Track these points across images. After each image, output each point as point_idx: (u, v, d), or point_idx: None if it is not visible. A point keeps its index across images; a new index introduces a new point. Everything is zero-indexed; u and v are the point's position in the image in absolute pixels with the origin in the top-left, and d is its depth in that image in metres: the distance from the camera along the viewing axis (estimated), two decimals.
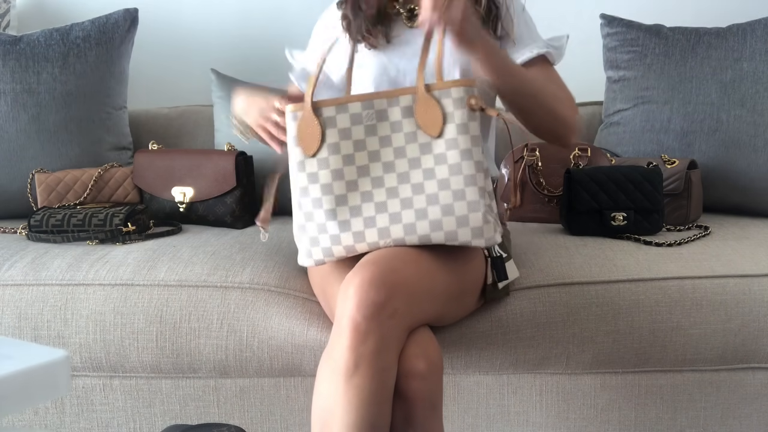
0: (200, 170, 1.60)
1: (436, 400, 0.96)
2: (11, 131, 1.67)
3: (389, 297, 0.91)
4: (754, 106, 1.63)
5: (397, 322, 0.92)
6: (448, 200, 0.97)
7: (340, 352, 0.90)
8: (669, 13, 1.97)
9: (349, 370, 0.89)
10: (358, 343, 0.89)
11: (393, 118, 1.00)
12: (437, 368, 0.95)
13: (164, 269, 1.26)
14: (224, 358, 1.20)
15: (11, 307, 1.23)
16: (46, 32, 1.74)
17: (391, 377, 0.92)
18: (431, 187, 0.98)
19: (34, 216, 1.48)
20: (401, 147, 1.00)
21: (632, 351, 1.21)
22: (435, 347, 0.97)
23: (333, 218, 1.00)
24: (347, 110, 1.00)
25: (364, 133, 1.00)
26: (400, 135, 1.00)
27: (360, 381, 0.89)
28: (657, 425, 1.25)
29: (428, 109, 0.99)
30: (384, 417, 0.91)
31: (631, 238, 1.40)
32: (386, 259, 0.97)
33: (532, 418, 1.25)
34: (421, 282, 0.98)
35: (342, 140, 1.00)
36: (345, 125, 1.00)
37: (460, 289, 1.07)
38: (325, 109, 1.00)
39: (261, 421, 1.25)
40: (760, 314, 1.21)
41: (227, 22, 2.12)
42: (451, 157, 0.98)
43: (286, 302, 1.21)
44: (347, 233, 1.00)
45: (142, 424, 1.26)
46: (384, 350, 0.90)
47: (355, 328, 0.90)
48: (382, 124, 1.00)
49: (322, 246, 1.02)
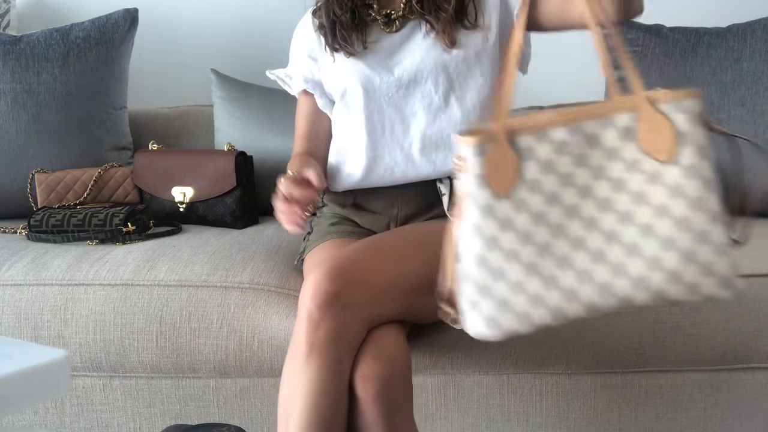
0: (200, 170, 1.60)
1: (398, 403, 0.94)
2: (11, 131, 1.67)
3: (344, 288, 0.92)
4: (754, 106, 1.63)
5: (352, 314, 0.92)
6: (689, 244, 0.77)
7: (296, 340, 0.93)
8: (669, 13, 1.97)
9: (303, 357, 0.91)
10: (311, 332, 0.91)
11: (608, 144, 0.79)
12: (399, 370, 0.94)
13: (164, 269, 1.26)
14: (224, 358, 1.20)
15: (11, 307, 1.23)
16: (46, 32, 1.74)
17: (344, 369, 0.92)
18: (666, 228, 0.77)
19: (34, 216, 1.48)
20: (621, 179, 0.79)
21: (632, 351, 1.21)
22: (398, 347, 0.95)
23: (535, 273, 0.78)
24: (548, 137, 0.79)
25: (573, 164, 0.79)
26: (618, 164, 0.79)
27: (311, 369, 0.90)
28: (657, 425, 1.25)
29: (655, 128, 0.78)
30: (337, 410, 0.91)
31: None
32: (350, 252, 0.98)
33: (532, 418, 1.25)
34: (385, 275, 0.97)
35: (544, 175, 0.79)
36: (547, 156, 0.78)
37: (434, 285, 1.05)
38: (522, 138, 0.79)
39: (261, 421, 1.25)
40: (760, 314, 1.21)
41: (227, 22, 2.12)
42: (691, 188, 0.77)
43: (286, 302, 1.21)
44: (555, 291, 0.78)
45: (142, 424, 1.26)
46: (336, 341, 0.91)
47: (309, 317, 0.92)
48: (594, 152, 0.79)
49: (516, 311, 0.79)
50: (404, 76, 1.19)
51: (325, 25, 1.22)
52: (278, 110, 1.74)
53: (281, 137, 1.69)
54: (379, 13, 1.22)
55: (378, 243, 1.02)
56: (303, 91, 1.31)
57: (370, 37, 1.22)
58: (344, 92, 1.23)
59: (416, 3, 1.19)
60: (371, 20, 1.22)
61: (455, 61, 1.18)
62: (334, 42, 1.21)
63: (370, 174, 1.23)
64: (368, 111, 1.21)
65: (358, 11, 1.21)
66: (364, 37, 1.21)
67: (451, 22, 1.16)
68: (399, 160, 1.22)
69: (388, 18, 1.21)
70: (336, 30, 1.21)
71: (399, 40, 1.21)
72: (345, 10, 1.20)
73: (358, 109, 1.22)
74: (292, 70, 1.33)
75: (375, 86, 1.20)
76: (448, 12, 1.16)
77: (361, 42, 1.21)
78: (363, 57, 1.21)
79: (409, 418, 0.96)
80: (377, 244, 1.02)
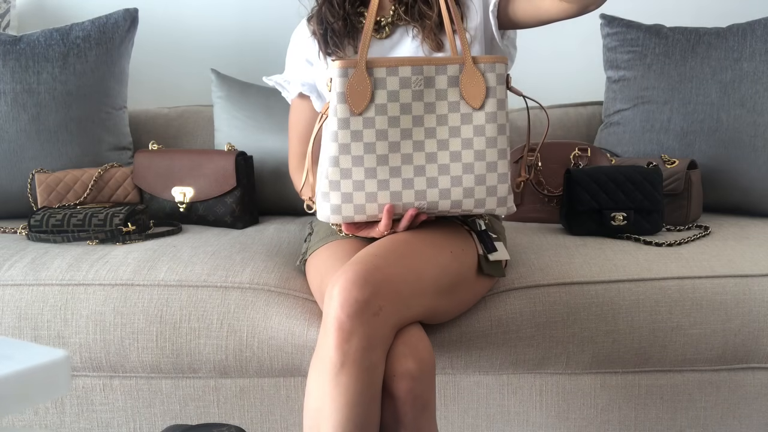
0: (200, 170, 1.60)
1: (428, 400, 0.95)
2: (11, 131, 1.67)
3: (373, 295, 0.92)
4: (754, 106, 1.63)
5: (382, 320, 0.92)
6: (482, 171, 1.04)
7: (326, 352, 0.91)
8: (669, 13, 1.97)
9: (335, 368, 0.90)
10: (343, 342, 0.90)
11: (439, 86, 1.03)
12: (428, 367, 0.95)
13: (164, 269, 1.26)
14: (224, 358, 1.20)
15: (11, 307, 1.23)
16: (46, 32, 1.74)
17: (378, 376, 0.92)
18: (468, 157, 1.04)
19: (34, 216, 1.48)
20: (444, 115, 1.04)
21: (632, 351, 1.21)
22: (426, 346, 0.97)
23: (373, 176, 1.03)
24: (398, 73, 1.02)
25: (411, 98, 1.03)
26: (444, 103, 1.04)
27: (346, 380, 0.89)
28: (657, 425, 1.25)
29: (473, 81, 1.03)
30: (372, 416, 0.91)
31: (631, 238, 1.40)
32: (370, 258, 0.98)
33: (532, 418, 1.25)
34: (407, 279, 0.98)
35: (390, 102, 1.02)
36: (394, 87, 1.02)
37: (451, 283, 1.07)
38: (377, 69, 1.02)
39: (261, 421, 1.25)
40: (760, 314, 1.21)
41: (227, 22, 2.12)
42: (489, 130, 1.04)
43: (286, 302, 1.21)
44: (385, 192, 1.04)
45: (142, 424, 1.26)
46: (369, 349, 0.91)
47: (339, 327, 0.90)
48: (429, 91, 1.03)
49: (355, 203, 1.04)
50: None
51: (318, 32, 1.27)
52: (278, 110, 1.74)
53: (281, 137, 1.69)
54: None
55: (395, 246, 1.03)
56: (299, 95, 1.36)
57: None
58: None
59: (403, 11, 1.23)
60: (362, 27, 1.26)
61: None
62: (327, 48, 1.26)
63: None
64: None
65: (350, 19, 1.25)
66: (355, 43, 1.25)
67: (435, 28, 1.20)
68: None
69: (378, 25, 1.25)
70: (328, 37, 1.25)
71: (389, 46, 1.25)
72: (337, 18, 1.24)
73: None
74: (290, 75, 1.37)
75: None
76: (432, 18, 1.20)
77: (353, 48, 1.25)
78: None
79: (434, 416, 0.98)
80: (395, 248, 1.02)
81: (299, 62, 1.35)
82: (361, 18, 1.26)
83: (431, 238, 1.08)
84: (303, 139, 1.35)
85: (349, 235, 1.16)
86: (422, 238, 1.07)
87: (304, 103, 1.36)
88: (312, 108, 1.35)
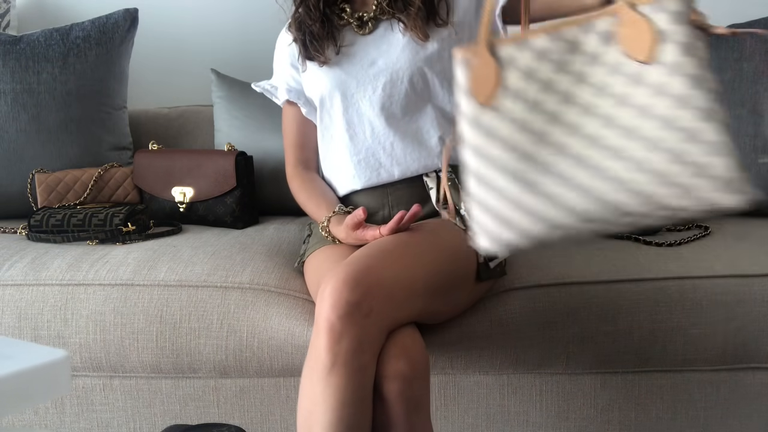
0: (200, 170, 1.60)
1: (420, 401, 0.95)
2: (11, 131, 1.67)
3: (364, 296, 0.92)
4: (754, 106, 1.63)
5: (373, 322, 0.92)
6: (676, 143, 0.71)
7: (317, 353, 0.91)
8: None
9: (326, 369, 0.90)
10: (334, 343, 0.90)
11: (589, 49, 0.77)
12: (420, 369, 0.95)
13: (164, 269, 1.26)
14: (224, 358, 1.20)
15: (11, 307, 1.23)
16: (46, 32, 1.74)
17: (368, 377, 0.92)
18: (650, 128, 0.72)
19: (34, 216, 1.48)
20: (603, 83, 0.76)
21: (632, 351, 1.21)
22: (419, 347, 0.96)
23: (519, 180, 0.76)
24: (529, 45, 0.77)
25: (553, 71, 0.77)
26: (600, 69, 0.76)
27: (336, 380, 0.89)
28: (657, 425, 1.25)
29: (636, 30, 0.75)
30: (363, 417, 0.91)
31: (631, 238, 1.40)
32: (363, 259, 0.97)
33: (532, 418, 1.25)
34: (399, 280, 0.97)
35: (526, 83, 0.77)
36: (528, 64, 0.77)
37: (447, 284, 1.06)
38: (503, 47, 0.78)
39: (261, 421, 1.25)
40: (760, 314, 1.21)
41: (227, 22, 2.12)
42: (675, 86, 0.73)
43: (286, 302, 1.21)
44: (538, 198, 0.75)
45: (142, 424, 1.26)
46: (360, 350, 0.91)
47: (330, 328, 0.90)
48: (575, 58, 0.77)
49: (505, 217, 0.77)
50: (380, 77, 1.22)
51: (298, 38, 1.27)
52: (278, 110, 1.73)
53: (281, 137, 1.69)
54: (351, 17, 1.26)
55: (389, 247, 1.02)
56: (287, 100, 1.36)
57: (344, 41, 1.25)
58: (323, 99, 1.27)
59: (386, 4, 1.22)
60: (344, 24, 1.26)
61: (430, 59, 1.21)
62: (308, 53, 1.26)
63: (356, 178, 1.24)
64: (348, 116, 1.25)
65: (329, 19, 1.25)
66: (337, 42, 1.24)
67: (420, 17, 1.19)
68: (383, 161, 1.23)
69: (361, 20, 1.25)
70: (308, 41, 1.25)
71: (373, 41, 1.24)
72: (315, 20, 1.24)
73: (337, 115, 1.26)
74: (277, 80, 1.38)
75: (352, 90, 1.24)
76: (416, 4, 1.19)
77: (334, 49, 1.24)
78: (338, 63, 1.25)
79: (428, 416, 0.97)
80: (389, 249, 1.01)
81: (285, 68, 1.35)
82: (342, 14, 1.25)
83: (428, 239, 1.07)
84: (296, 146, 1.35)
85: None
86: (419, 238, 1.06)
87: (293, 109, 1.36)
88: (301, 114, 1.34)
